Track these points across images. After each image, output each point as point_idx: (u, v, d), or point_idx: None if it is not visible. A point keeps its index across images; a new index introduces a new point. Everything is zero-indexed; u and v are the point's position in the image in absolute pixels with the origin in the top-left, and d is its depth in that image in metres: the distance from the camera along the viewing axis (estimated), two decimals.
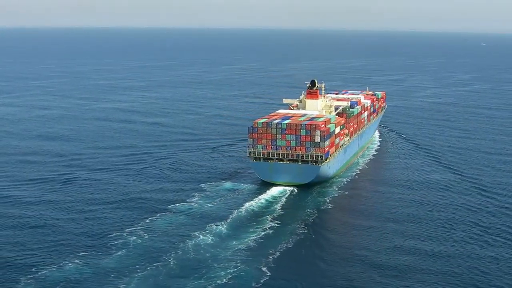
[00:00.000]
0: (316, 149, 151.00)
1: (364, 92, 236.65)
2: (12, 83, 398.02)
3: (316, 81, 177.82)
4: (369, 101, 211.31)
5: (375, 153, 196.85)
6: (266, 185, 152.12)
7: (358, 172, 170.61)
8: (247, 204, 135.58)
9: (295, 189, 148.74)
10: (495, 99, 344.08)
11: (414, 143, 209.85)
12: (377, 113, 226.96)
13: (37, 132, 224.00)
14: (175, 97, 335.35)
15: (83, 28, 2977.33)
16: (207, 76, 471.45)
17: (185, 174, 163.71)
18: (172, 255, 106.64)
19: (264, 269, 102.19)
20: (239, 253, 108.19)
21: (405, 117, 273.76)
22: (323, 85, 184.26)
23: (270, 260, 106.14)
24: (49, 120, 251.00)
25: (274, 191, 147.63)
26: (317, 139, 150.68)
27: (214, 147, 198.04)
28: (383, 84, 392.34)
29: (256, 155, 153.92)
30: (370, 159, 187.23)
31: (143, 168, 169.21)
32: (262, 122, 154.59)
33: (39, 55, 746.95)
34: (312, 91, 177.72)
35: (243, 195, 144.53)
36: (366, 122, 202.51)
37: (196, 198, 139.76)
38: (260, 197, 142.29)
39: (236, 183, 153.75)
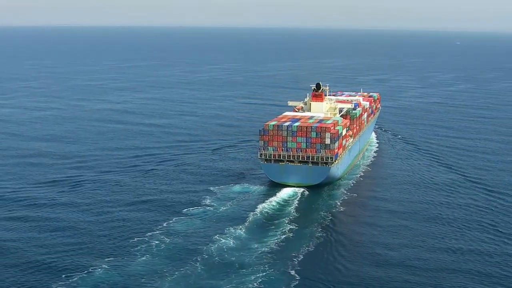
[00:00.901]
0: (326, 150, 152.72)
1: (359, 93, 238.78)
2: None
3: (321, 84, 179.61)
4: (367, 103, 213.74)
5: (375, 154, 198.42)
6: (275, 186, 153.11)
7: (362, 174, 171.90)
8: (260, 207, 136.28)
9: (306, 192, 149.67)
10: (482, 99, 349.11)
11: (411, 144, 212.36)
12: (374, 115, 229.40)
13: (36, 134, 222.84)
14: (167, 97, 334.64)
15: (64, 26, 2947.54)
16: (194, 76, 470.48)
17: (192, 176, 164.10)
18: (199, 259, 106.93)
19: (292, 272, 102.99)
20: (264, 257, 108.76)
21: (396, 117, 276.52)
22: (327, 88, 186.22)
23: (296, 263, 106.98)
24: (46, 122, 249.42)
25: (284, 193, 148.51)
26: (327, 141, 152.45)
27: (214, 149, 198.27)
28: (367, 84, 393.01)
29: (267, 157, 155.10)
30: (371, 161, 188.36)
31: (149, 170, 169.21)
32: (273, 125, 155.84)
33: (20, 55, 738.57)
34: (318, 94, 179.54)
35: (254, 197, 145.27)
36: (365, 123, 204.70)
37: (209, 201, 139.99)
38: (271, 199, 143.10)
39: (244, 185, 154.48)
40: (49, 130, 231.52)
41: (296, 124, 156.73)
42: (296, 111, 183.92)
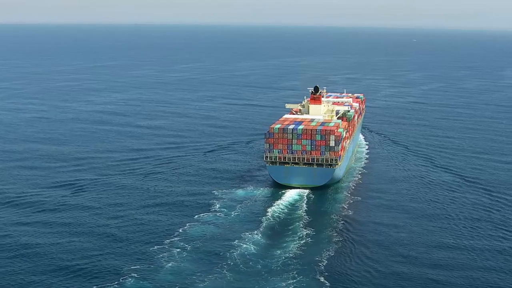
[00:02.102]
0: (330, 152, 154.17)
1: (344, 94, 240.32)
2: None
3: (318, 87, 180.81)
4: (357, 104, 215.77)
5: (367, 156, 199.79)
6: (278, 189, 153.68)
7: (360, 176, 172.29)
8: (270, 210, 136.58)
9: (311, 195, 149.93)
10: (456, 97, 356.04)
11: (399, 144, 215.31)
12: (361, 116, 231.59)
13: (27, 136, 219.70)
14: (147, 98, 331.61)
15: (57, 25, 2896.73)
16: (168, 76, 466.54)
17: (193, 178, 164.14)
18: (225, 266, 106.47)
19: (322, 279, 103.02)
20: (289, 263, 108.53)
21: (378, 117, 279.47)
22: (324, 90, 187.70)
23: (322, 268, 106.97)
24: (33, 124, 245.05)
25: (289, 196, 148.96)
26: (332, 143, 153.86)
27: (208, 151, 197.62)
28: (341, 84, 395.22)
29: (273, 160, 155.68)
30: (365, 163, 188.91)
31: (149, 173, 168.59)
32: (278, 128, 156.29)
33: None
34: (316, 97, 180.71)
35: (261, 200, 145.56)
36: (356, 124, 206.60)
37: (218, 206, 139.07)
38: (278, 202, 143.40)
39: (248, 188, 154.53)
40: (39, 132, 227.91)
41: (301, 127, 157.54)
42: (294, 114, 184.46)
